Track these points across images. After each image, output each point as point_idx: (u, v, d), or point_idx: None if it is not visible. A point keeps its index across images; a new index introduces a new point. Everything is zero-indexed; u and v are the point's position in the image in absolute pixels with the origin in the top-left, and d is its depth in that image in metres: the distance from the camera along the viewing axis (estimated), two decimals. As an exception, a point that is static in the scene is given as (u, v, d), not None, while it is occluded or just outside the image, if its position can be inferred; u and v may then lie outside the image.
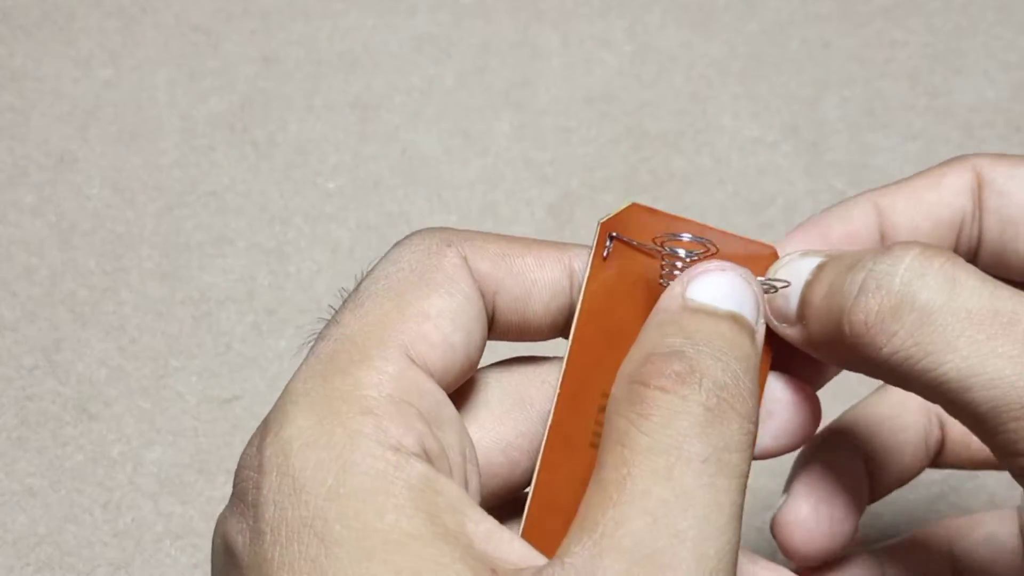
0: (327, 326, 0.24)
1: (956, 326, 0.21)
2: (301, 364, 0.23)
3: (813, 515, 0.28)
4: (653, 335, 0.22)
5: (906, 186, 0.27)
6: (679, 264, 0.25)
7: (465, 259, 0.25)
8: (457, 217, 0.51)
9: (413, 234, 0.25)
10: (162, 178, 0.51)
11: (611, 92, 0.55)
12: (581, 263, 0.26)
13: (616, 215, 0.27)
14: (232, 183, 0.52)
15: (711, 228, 0.26)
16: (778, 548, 0.31)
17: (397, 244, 0.25)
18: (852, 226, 0.27)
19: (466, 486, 0.23)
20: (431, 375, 0.23)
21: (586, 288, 0.26)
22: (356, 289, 0.24)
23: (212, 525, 0.44)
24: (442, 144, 0.53)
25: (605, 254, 0.26)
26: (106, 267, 0.49)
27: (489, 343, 0.26)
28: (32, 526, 0.44)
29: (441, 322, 0.24)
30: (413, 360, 0.23)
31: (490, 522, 0.21)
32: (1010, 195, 0.26)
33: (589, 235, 0.51)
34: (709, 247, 0.25)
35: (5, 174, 0.51)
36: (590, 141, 0.53)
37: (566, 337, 0.26)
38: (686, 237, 0.26)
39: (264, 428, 0.22)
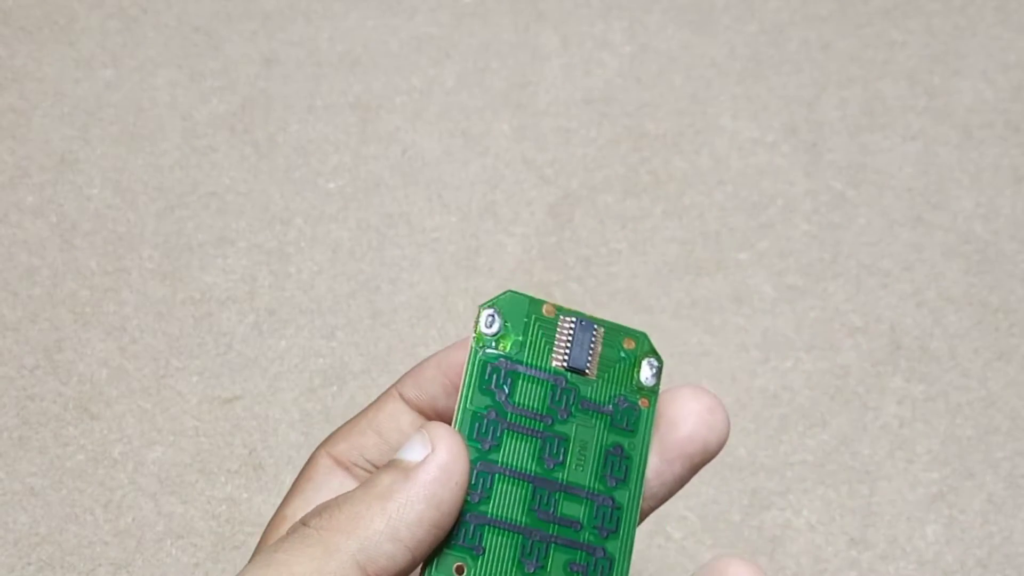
0: None
1: None
2: None
3: None
4: None
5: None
6: None
7: (327, 453, 0.28)
8: (457, 217, 0.51)
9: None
10: (163, 179, 0.52)
11: (611, 93, 0.55)
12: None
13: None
14: (233, 184, 0.52)
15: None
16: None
17: None
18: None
19: None
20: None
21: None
22: None
23: (213, 525, 0.44)
24: (442, 145, 0.53)
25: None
26: (107, 267, 0.49)
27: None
28: (33, 525, 0.44)
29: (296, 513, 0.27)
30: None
31: None
32: None
33: (588, 236, 0.52)
34: None
35: (7, 175, 0.51)
36: (590, 142, 0.53)
37: None
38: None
39: None
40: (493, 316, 0.26)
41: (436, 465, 0.23)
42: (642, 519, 0.26)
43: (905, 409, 0.48)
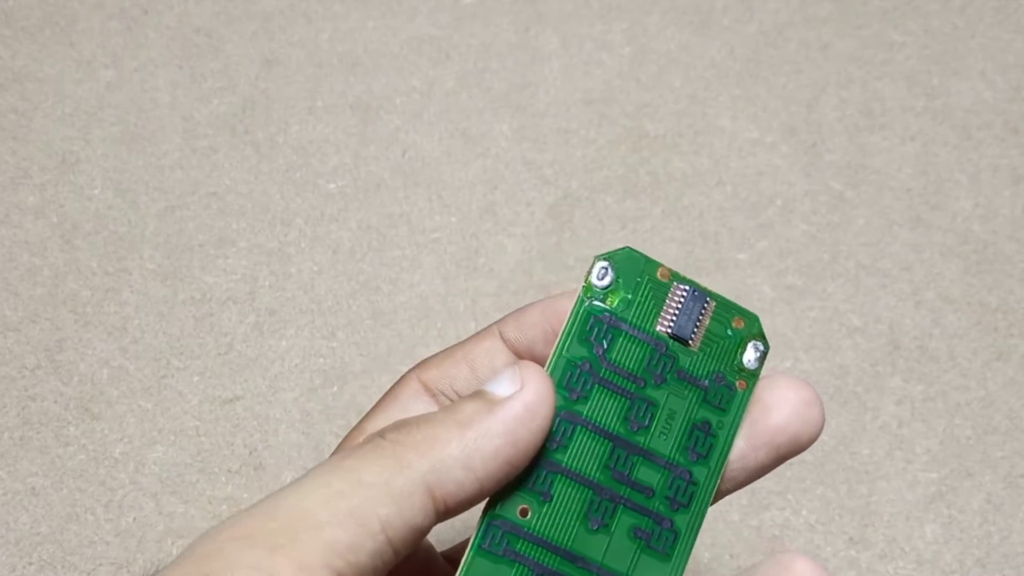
0: None
1: None
2: None
3: None
4: None
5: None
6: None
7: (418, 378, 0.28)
8: (457, 218, 0.51)
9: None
10: (164, 179, 0.52)
11: (610, 94, 0.55)
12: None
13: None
14: (234, 184, 0.52)
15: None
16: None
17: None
18: None
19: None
20: None
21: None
22: None
23: (214, 524, 0.44)
24: (442, 145, 0.53)
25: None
26: (108, 268, 0.49)
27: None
28: (34, 525, 0.44)
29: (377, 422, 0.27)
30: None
31: None
32: None
33: (588, 236, 0.52)
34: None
35: (8, 175, 0.52)
36: (589, 142, 0.53)
37: None
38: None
39: None
40: (606, 269, 0.26)
41: (521, 403, 0.23)
42: (715, 500, 0.26)
43: (904, 409, 0.48)
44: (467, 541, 0.25)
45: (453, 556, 0.28)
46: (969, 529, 0.45)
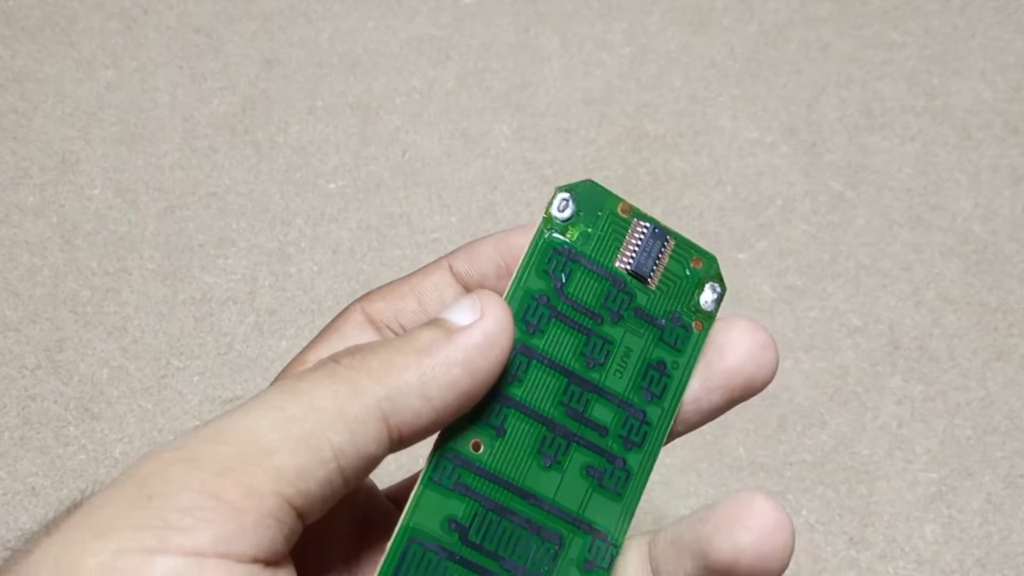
0: None
1: None
2: None
3: None
4: None
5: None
6: None
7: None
8: (457, 218, 0.51)
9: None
10: (164, 179, 0.52)
11: (610, 94, 0.55)
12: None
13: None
14: (234, 184, 0.52)
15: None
16: None
17: None
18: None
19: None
20: None
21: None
22: None
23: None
24: (442, 145, 0.53)
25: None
26: (108, 268, 0.49)
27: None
28: (34, 525, 0.44)
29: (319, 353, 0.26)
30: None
31: None
32: None
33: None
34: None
35: (8, 175, 0.52)
36: (589, 142, 0.53)
37: None
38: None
39: None
40: (567, 201, 0.25)
41: (481, 332, 0.22)
42: (668, 441, 0.26)
43: (904, 409, 0.48)
44: (410, 481, 0.24)
45: (395, 496, 0.28)
46: (969, 529, 0.45)
